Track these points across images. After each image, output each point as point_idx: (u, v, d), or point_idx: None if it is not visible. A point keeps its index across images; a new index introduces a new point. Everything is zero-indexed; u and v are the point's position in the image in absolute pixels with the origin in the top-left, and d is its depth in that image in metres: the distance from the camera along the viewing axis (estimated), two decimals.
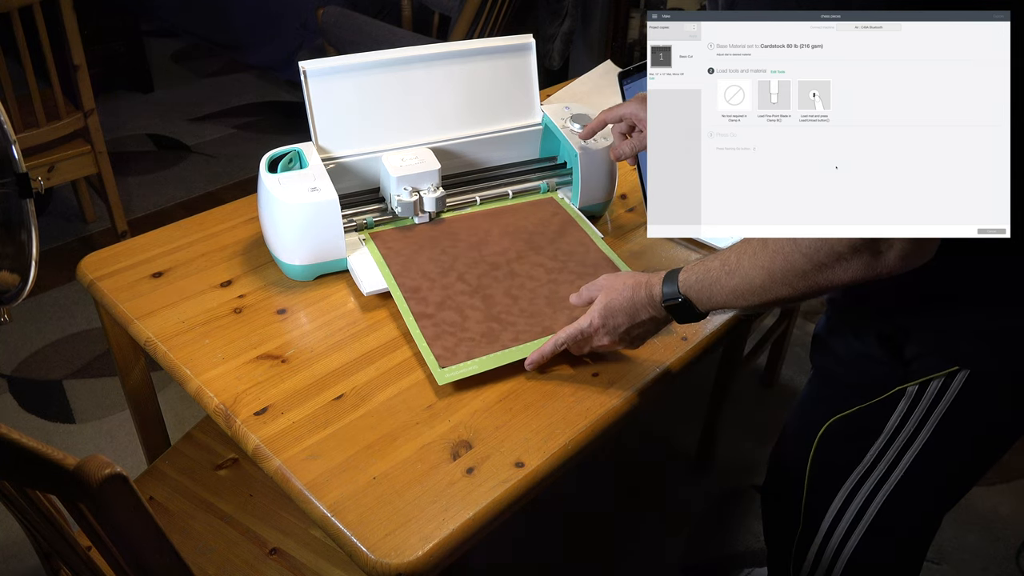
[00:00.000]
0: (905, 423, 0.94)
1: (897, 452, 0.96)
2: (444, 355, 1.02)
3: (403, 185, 1.18)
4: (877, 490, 1.00)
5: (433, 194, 1.19)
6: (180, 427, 1.89)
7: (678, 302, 0.91)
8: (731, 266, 0.86)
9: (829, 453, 1.03)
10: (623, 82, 1.31)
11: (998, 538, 1.75)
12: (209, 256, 1.21)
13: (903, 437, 0.95)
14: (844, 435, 1.00)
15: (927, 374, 0.90)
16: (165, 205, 2.75)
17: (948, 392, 0.90)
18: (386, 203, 1.22)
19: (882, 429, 0.95)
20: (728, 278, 0.86)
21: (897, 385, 0.92)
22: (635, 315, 0.96)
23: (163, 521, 0.78)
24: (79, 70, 2.19)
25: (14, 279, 1.32)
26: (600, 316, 0.98)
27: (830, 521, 1.05)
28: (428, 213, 1.22)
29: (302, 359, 1.04)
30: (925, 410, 0.92)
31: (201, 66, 3.74)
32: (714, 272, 0.88)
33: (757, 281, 0.83)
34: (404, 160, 1.19)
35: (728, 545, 1.73)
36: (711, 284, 0.88)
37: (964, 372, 0.89)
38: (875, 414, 0.95)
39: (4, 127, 1.27)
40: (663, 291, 0.93)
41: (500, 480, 0.89)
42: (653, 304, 0.94)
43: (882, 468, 0.98)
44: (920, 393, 0.91)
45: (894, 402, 0.93)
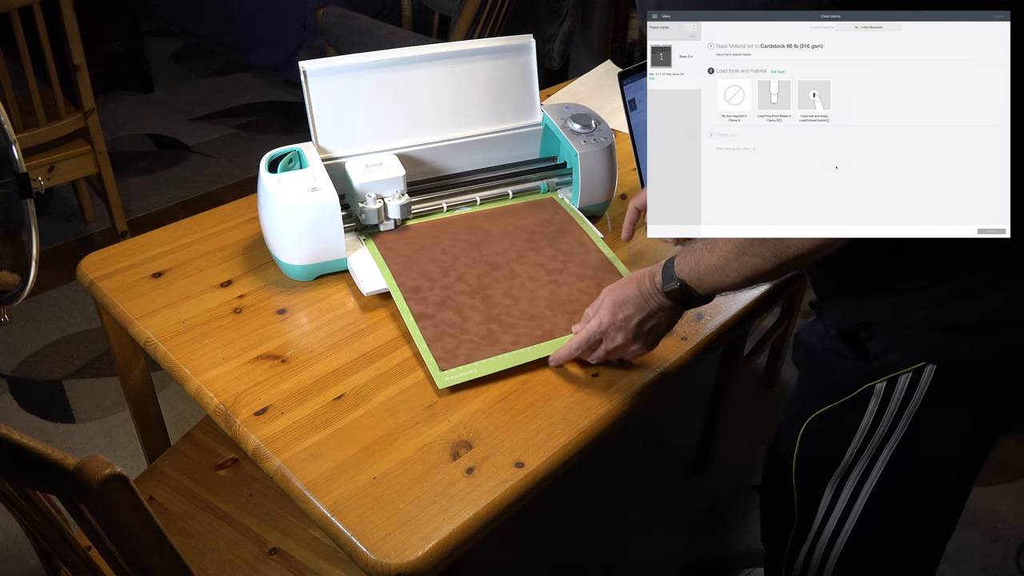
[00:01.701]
0: (880, 421, 0.94)
1: (875, 449, 0.97)
2: (444, 357, 1.02)
3: (367, 192, 1.17)
4: (861, 487, 1.00)
5: (398, 200, 1.18)
6: (180, 427, 1.89)
7: (676, 287, 0.93)
8: (711, 243, 0.89)
9: (811, 451, 1.03)
10: (623, 82, 1.31)
11: (998, 538, 1.75)
12: (209, 256, 1.21)
13: (880, 434, 0.95)
14: (823, 433, 1.01)
15: (894, 371, 0.90)
16: (165, 205, 2.74)
17: (919, 388, 0.90)
18: (351, 210, 1.19)
19: (857, 427, 0.96)
20: (709, 254, 0.89)
21: (865, 383, 0.93)
22: (644, 305, 0.97)
23: (163, 521, 0.78)
24: (79, 70, 2.19)
25: (14, 279, 1.32)
26: (609, 312, 0.98)
27: (820, 518, 1.05)
28: (393, 220, 1.20)
29: (302, 359, 1.04)
30: (898, 407, 0.92)
31: (201, 66, 3.74)
32: (699, 250, 0.90)
33: (729, 251, 0.86)
34: (368, 166, 1.18)
35: (728, 545, 1.73)
36: (697, 263, 0.90)
37: (931, 367, 0.88)
38: (849, 412, 0.96)
39: (4, 127, 1.27)
40: (662, 278, 0.95)
41: (500, 480, 0.89)
42: (658, 292, 0.95)
43: (862, 465, 0.98)
44: (890, 390, 0.91)
45: (864, 400, 0.94)
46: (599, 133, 1.28)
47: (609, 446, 1.87)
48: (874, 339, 0.91)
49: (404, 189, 1.19)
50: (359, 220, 1.19)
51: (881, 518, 1.01)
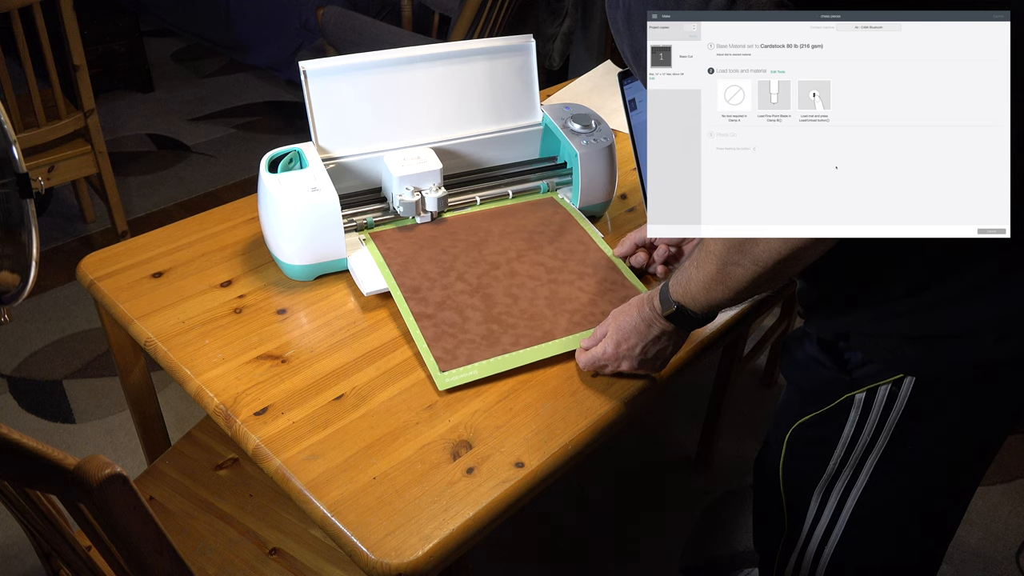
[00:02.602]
0: (861, 432, 0.94)
1: (859, 459, 0.96)
2: (444, 358, 1.02)
3: (405, 185, 1.18)
4: (847, 496, 1.00)
5: (435, 194, 1.19)
6: (180, 427, 1.89)
7: (674, 309, 0.92)
8: (697, 259, 0.88)
9: (796, 458, 1.03)
10: (623, 82, 1.31)
11: (998, 538, 1.75)
12: (209, 256, 1.21)
13: (862, 444, 0.95)
14: (806, 440, 1.00)
15: (872, 382, 0.90)
16: (165, 205, 2.74)
17: (898, 399, 0.89)
18: (388, 203, 1.22)
19: (839, 437, 0.95)
20: (696, 271, 0.88)
21: (845, 393, 0.92)
22: (647, 333, 0.96)
23: (163, 521, 0.78)
24: (79, 70, 2.19)
25: (14, 279, 1.31)
26: (613, 343, 0.98)
27: (809, 524, 1.05)
28: (430, 213, 1.22)
29: (302, 359, 1.04)
30: (878, 418, 0.91)
31: (201, 66, 3.74)
32: (688, 269, 0.90)
33: (712, 267, 0.85)
34: (406, 160, 1.19)
35: (728, 545, 1.73)
36: (687, 282, 0.90)
37: (910, 379, 0.88)
38: (830, 422, 0.96)
39: (4, 127, 1.27)
40: (659, 302, 0.94)
41: (500, 480, 0.89)
42: (658, 318, 0.94)
43: (847, 475, 0.98)
44: (869, 401, 0.91)
45: (845, 410, 0.93)
46: (599, 133, 1.28)
47: (609, 446, 1.87)
48: (852, 350, 0.91)
49: (441, 182, 1.20)
50: (397, 213, 1.21)
51: (870, 526, 1.01)
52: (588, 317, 1.09)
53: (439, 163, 1.20)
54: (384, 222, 1.22)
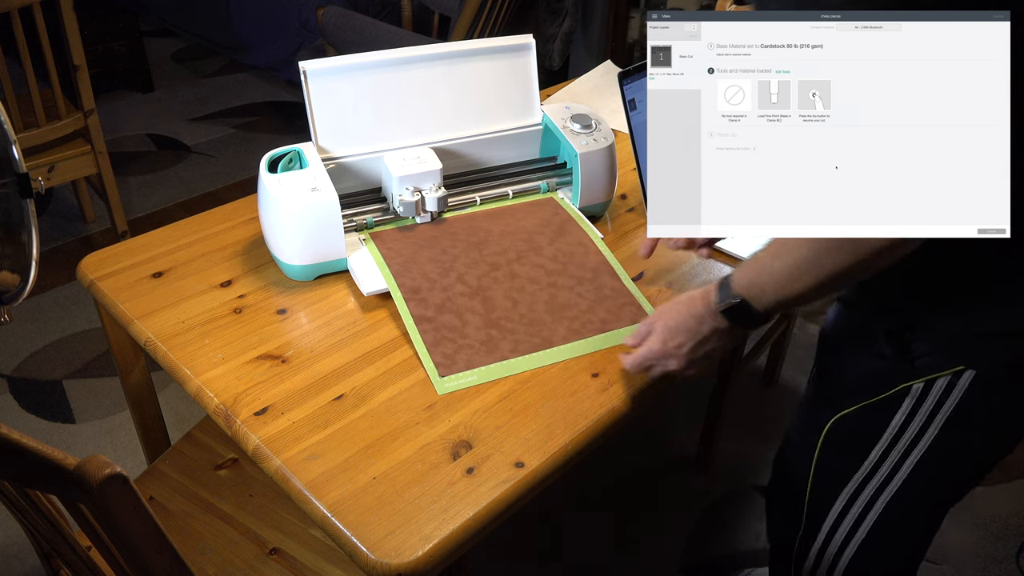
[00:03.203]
0: (910, 423, 0.93)
1: (901, 454, 0.96)
2: (443, 363, 1.02)
3: (405, 185, 1.18)
4: (879, 493, 0.99)
5: (435, 194, 1.19)
6: (180, 427, 1.89)
7: (734, 303, 0.87)
8: (776, 248, 0.83)
9: (833, 454, 1.02)
10: (623, 82, 1.31)
11: (998, 538, 1.75)
12: (209, 256, 1.21)
13: (907, 438, 0.94)
14: (847, 434, 0.99)
15: (933, 372, 0.90)
16: (165, 205, 2.75)
17: (954, 391, 0.89)
18: (388, 203, 1.22)
19: (885, 428, 0.95)
20: (773, 260, 0.83)
21: (903, 382, 0.92)
22: (697, 330, 0.91)
23: (163, 521, 0.78)
24: (79, 70, 2.19)
25: (14, 279, 1.31)
26: (660, 341, 0.94)
27: (831, 524, 1.05)
28: (430, 213, 1.22)
29: (302, 359, 1.04)
30: (931, 409, 0.91)
31: (201, 66, 3.74)
32: (761, 259, 0.85)
33: (804, 253, 0.79)
34: (406, 160, 1.19)
35: (728, 545, 1.73)
36: (759, 273, 0.85)
37: (970, 372, 0.88)
38: (879, 412, 0.95)
39: (4, 127, 1.27)
40: (718, 296, 0.89)
41: (500, 480, 0.89)
42: (712, 313, 0.89)
43: (885, 470, 0.98)
44: (925, 391, 0.91)
45: (899, 399, 0.93)
46: (599, 133, 1.28)
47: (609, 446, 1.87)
48: (919, 340, 0.90)
49: (441, 182, 1.20)
50: (397, 213, 1.20)
51: (897, 523, 1.01)
52: (587, 325, 1.09)
53: (439, 163, 1.20)
54: (384, 222, 1.22)
